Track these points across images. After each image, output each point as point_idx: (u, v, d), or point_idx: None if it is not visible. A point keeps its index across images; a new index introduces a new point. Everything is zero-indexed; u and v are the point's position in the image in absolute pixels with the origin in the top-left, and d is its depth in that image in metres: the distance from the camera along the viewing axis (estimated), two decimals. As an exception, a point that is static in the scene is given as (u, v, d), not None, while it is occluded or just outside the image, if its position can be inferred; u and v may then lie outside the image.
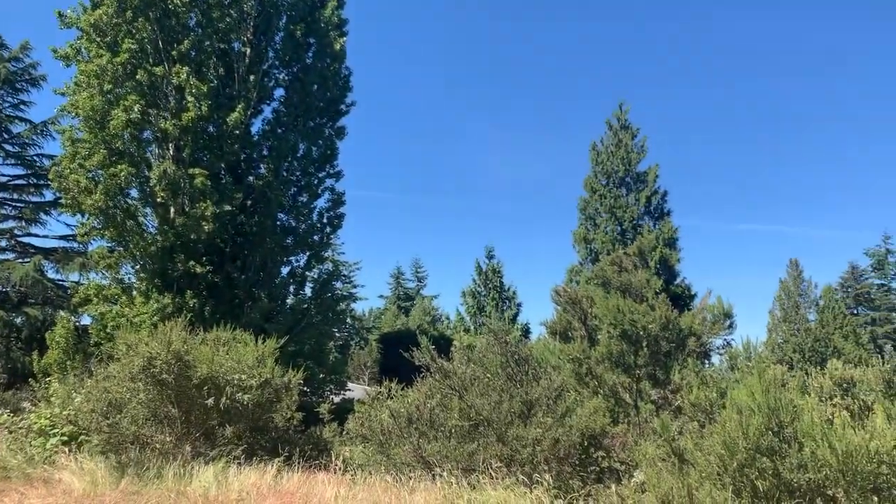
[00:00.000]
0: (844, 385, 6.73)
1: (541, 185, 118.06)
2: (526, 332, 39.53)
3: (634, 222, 34.13)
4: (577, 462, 8.44)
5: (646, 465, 7.03)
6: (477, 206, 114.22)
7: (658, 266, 32.43)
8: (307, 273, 22.67)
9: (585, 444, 8.54)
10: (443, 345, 14.02)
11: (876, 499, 5.69)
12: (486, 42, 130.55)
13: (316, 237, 22.41)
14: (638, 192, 34.70)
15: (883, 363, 6.75)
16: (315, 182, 22.43)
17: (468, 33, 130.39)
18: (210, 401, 9.94)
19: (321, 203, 22.71)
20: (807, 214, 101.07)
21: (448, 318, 54.84)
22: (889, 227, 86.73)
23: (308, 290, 22.90)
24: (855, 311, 53.32)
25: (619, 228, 34.13)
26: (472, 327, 41.02)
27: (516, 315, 42.30)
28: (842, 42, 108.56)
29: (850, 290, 54.94)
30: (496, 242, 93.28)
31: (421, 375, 9.95)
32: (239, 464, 9.39)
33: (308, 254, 22.34)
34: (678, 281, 33.30)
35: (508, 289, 43.04)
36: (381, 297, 67.06)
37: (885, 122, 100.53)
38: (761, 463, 5.93)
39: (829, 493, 5.67)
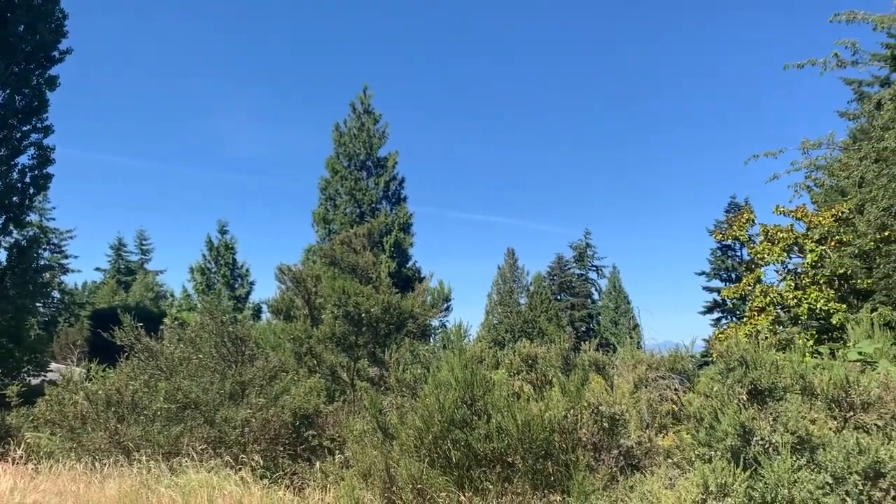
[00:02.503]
0: (530, 361, 7.49)
1: (286, 162, 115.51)
2: (258, 311, 38.63)
3: (373, 206, 34.90)
4: (288, 441, 8.40)
5: (352, 441, 7.20)
6: (217, 179, 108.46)
7: (393, 249, 33.61)
8: (3, 238, 19.96)
9: (298, 423, 8.53)
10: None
11: (549, 463, 6.41)
12: (242, 16, 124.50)
13: (16, 198, 19.75)
14: (377, 177, 35.50)
15: (562, 342, 7.64)
16: (17, 136, 19.72)
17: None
18: None
19: (24, 160, 20.06)
20: (526, 208, 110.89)
21: (173, 296, 51.72)
22: (590, 223, 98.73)
23: (3, 258, 20.19)
24: (559, 297, 59.89)
25: (358, 211, 34.66)
26: (199, 305, 39.08)
27: (248, 293, 41.18)
28: (565, 41, 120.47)
29: (555, 278, 61.56)
30: (237, 218, 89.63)
31: (125, 354, 9.24)
32: None
33: (4, 216, 19.63)
34: (410, 264, 34.81)
35: (242, 266, 41.70)
36: (98, 269, 60.99)
37: (588, 129, 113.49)
38: (455, 435, 6.37)
39: (510, 459, 6.26)
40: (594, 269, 65.14)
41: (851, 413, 5.55)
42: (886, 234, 13.27)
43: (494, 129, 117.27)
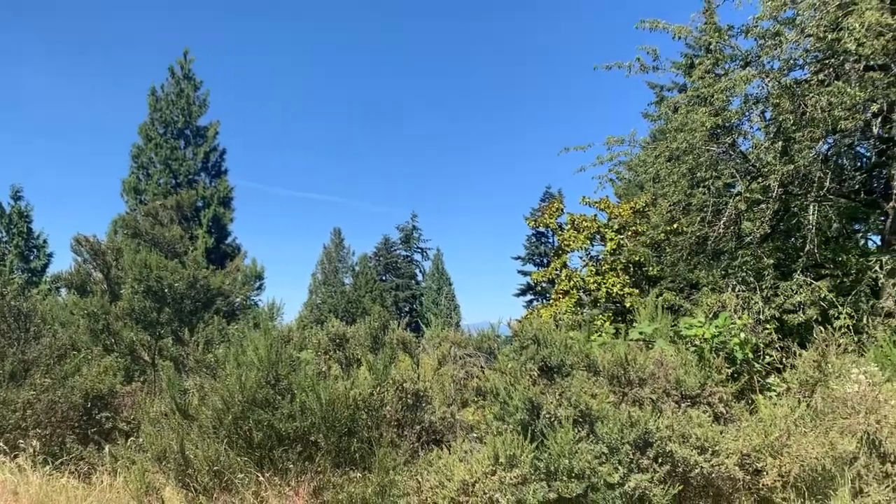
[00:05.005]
0: (339, 340, 7.48)
1: (96, 126, 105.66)
2: (56, 285, 35.43)
3: (190, 177, 33.17)
4: (77, 425, 7.80)
5: (148, 422, 6.82)
6: (16, 141, 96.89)
7: (211, 224, 32.20)
8: None
9: (90, 405, 7.95)
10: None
11: (353, 440, 6.45)
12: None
13: None
14: (196, 147, 33.75)
15: (372, 322, 7.70)
16: None
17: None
18: None
19: None
20: (355, 188, 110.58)
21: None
22: (416, 206, 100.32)
23: None
24: (384, 278, 60.52)
25: (173, 181, 32.78)
26: (-16, 278, 35.13)
27: (46, 266, 37.64)
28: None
29: (381, 259, 62.15)
30: (37, 184, 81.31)
31: None
32: None
33: None
34: (230, 240, 33.55)
35: (38, 236, 38.00)
36: None
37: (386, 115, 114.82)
38: (258, 415, 6.22)
39: (313, 438, 6.23)
40: (419, 251, 66.48)
41: (629, 388, 6.07)
42: (675, 226, 14.59)
43: (323, 107, 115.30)
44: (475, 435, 6.74)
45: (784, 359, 7.65)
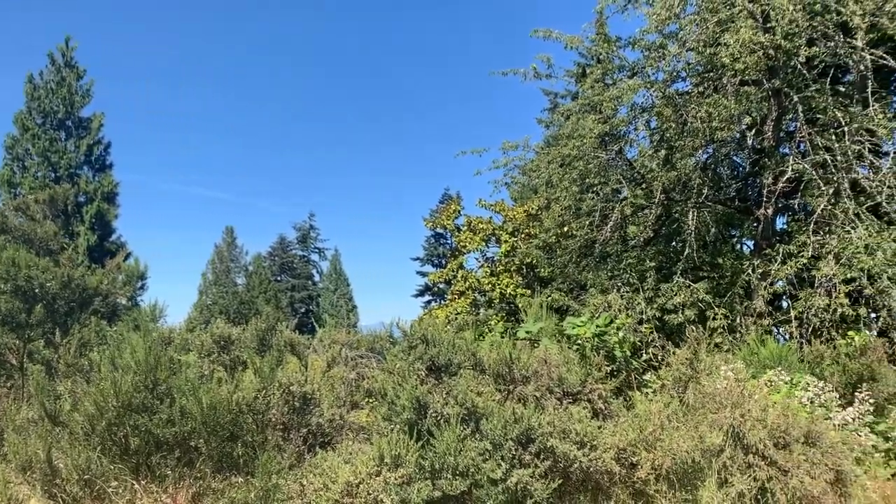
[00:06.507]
0: (223, 342, 7.26)
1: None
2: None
3: (72, 171, 31.48)
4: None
5: (13, 430, 6.39)
6: None
7: (94, 221, 30.71)
8: None
9: (-55, 413, 7.37)
10: None
11: (237, 445, 6.27)
12: None
13: None
14: (79, 139, 32.06)
15: (259, 323, 7.52)
16: None
17: None
18: None
19: None
20: (250, 184, 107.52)
21: None
22: (314, 206, 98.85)
23: None
24: (279, 279, 59.32)
25: (53, 175, 31.01)
26: None
27: None
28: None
29: (277, 258, 60.89)
30: None
31: None
32: None
33: None
34: (115, 238, 32.11)
35: None
36: None
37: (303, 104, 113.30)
38: (134, 420, 5.95)
39: (193, 443, 6.01)
40: (317, 251, 65.55)
41: (514, 386, 6.19)
42: (565, 229, 15.03)
43: (219, 100, 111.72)
44: (366, 436, 6.70)
45: (663, 357, 8.03)
